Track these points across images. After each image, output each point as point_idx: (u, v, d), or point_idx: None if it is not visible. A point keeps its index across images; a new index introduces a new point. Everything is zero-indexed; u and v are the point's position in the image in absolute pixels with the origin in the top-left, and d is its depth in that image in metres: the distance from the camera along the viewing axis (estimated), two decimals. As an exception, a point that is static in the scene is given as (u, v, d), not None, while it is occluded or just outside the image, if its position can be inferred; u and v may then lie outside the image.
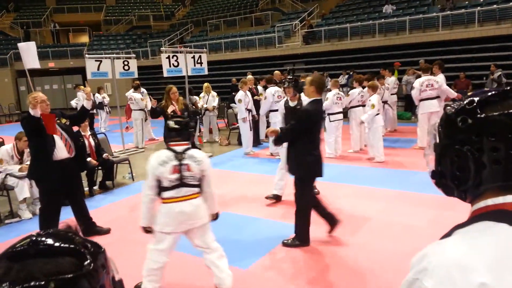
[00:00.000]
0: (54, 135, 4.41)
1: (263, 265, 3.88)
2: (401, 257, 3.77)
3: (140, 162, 8.07)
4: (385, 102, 9.58)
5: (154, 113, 6.51)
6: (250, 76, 10.07)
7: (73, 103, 13.42)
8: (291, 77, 5.79)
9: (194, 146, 5.47)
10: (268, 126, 8.46)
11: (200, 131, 9.93)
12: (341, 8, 19.49)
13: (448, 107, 0.93)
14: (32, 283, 0.60)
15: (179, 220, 3.14)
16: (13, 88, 21.85)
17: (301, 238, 4.17)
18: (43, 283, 0.60)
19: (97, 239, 3.70)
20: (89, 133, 6.61)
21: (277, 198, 5.58)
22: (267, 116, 8.68)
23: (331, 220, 4.30)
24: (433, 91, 7.98)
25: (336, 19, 18.11)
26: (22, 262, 0.63)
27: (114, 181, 6.90)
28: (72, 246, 0.67)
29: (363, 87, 8.31)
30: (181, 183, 3.12)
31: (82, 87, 13.03)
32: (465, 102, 0.90)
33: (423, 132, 8.11)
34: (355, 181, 6.37)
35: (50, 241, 0.67)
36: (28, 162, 5.43)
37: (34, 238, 0.67)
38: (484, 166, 0.85)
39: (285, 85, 5.62)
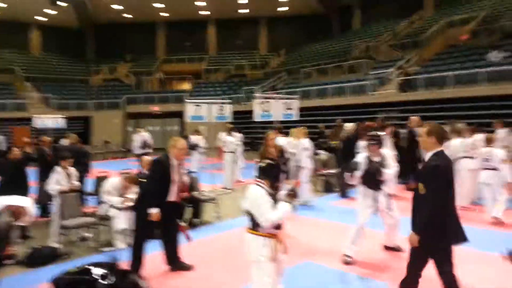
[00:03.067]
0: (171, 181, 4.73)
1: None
2: None
3: (228, 202, 8.19)
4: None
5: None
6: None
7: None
8: (375, 134, 5.47)
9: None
10: None
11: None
12: (441, 56, 18.60)
13: None
14: None
15: None
16: (121, 128, 24.49)
17: None
18: None
19: (180, 274, 3.70)
20: (185, 171, 6.94)
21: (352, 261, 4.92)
22: None
23: None
24: None
25: (436, 66, 17.26)
26: None
27: (201, 219, 7.06)
28: None
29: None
30: None
31: (140, 129, 13.97)
32: None
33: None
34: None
35: None
36: (130, 196, 5.83)
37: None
38: None
39: (372, 143, 5.27)
